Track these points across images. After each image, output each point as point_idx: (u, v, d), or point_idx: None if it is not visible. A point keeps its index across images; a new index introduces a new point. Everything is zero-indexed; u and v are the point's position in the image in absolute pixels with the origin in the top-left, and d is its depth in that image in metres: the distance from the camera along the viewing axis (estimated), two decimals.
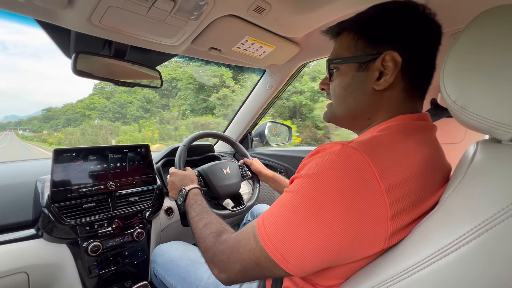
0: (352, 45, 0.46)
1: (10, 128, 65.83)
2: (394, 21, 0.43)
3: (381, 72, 0.43)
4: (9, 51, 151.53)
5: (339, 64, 0.48)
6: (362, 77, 0.45)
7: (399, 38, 0.42)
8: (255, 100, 1.42)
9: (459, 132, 0.87)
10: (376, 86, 0.44)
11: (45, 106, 60.81)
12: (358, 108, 0.47)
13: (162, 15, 0.67)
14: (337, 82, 0.49)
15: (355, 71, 0.46)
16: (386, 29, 0.43)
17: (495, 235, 0.26)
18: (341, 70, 0.48)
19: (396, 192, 0.34)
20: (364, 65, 0.45)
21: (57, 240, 0.79)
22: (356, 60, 0.45)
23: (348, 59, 0.46)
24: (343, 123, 0.51)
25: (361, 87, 0.45)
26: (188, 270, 0.72)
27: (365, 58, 0.44)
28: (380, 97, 0.44)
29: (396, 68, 0.42)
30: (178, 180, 0.81)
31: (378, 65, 0.43)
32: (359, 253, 0.35)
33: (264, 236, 0.37)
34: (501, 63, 0.29)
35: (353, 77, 0.46)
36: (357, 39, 0.45)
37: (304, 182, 0.37)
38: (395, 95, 0.44)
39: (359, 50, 0.45)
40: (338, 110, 0.50)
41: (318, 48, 1.05)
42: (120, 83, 0.87)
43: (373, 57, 0.43)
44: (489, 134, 0.33)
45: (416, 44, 0.42)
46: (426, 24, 0.43)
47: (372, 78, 0.44)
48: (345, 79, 0.47)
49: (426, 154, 0.39)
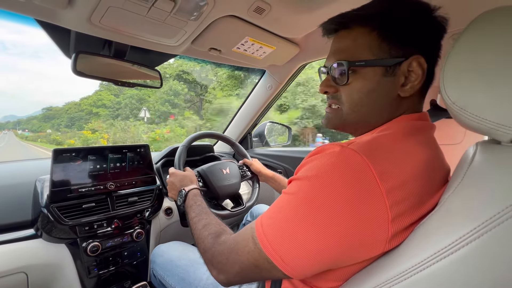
0: (374, 45, 0.41)
1: (9, 128, 64.65)
2: (419, 23, 0.40)
3: (405, 77, 0.41)
4: (9, 51, 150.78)
5: (360, 67, 0.42)
6: (389, 82, 0.41)
7: (423, 41, 0.41)
8: (255, 100, 1.42)
9: (458, 133, 0.87)
10: (401, 92, 0.41)
11: (45, 106, 58.75)
12: (377, 115, 0.43)
13: (162, 16, 0.67)
14: (357, 87, 0.43)
15: (381, 75, 0.41)
16: (413, 31, 0.40)
17: (495, 236, 0.26)
18: (362, 74, 0.42)
19: (396, 194, 0.33)
20: (390, 70, 0.41)
21: (56, 240, 0.79)
22: (383, 64, 0.41)
23: (373, 61, 0.41)
24: (352, 129, 0.47)
25: (386, 94, 0.42)
26: (187, 271, 0.72)
27: (391, 62, 0.40)
28: (400, 103, 0.43)
29: (423, 74, 0.40)
30: (177, 180, 0.81)
31: (404, 70, 0.40)
32: (359, 255, 0.35)
33: (262, 238, 0.37)
34: (501, 65, 0.29)
35: (378, 83, 0.41)
36: (382, 39, 0.40)
37: (302, 183, 0.37)
38: (411, 100, 0.43)
39: (384, 52, 0.40)
40: (351, 117, 0.45)
41: (318, 49, 1.05)
42: (120, 83, 0.87)
43: (399, 60, 0.40)
44: (488, 135, 0.33)
45: (436, 49, 0.42)
46: (440, 28, 0.42)
47: (397, 83, 0.41)
48: (368, 84, 0.42)
49: (426, 155, 0.38)
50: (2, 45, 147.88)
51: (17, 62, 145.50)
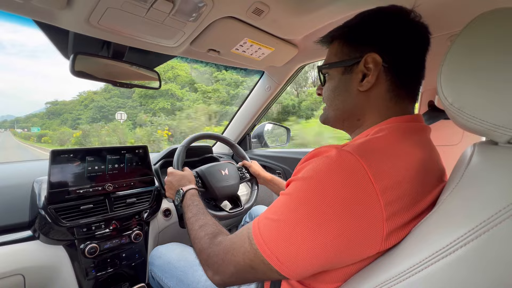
0: (339, 51, 0.49)
1: (6, 127, 62.03)
2: (375, 25, 0.45)
3: (364, 74, 0.45)
4: (7, 50, 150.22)
5: (328, 69, 0.51)
6: (347, 79, 0.47)
7: (380, 40, 0.44)
8: (254, 101, 1.42)
9: (456, 134, 0.88)
10: (360, 87, 0.46)
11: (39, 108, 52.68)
12: (346, 110, 0.49)
13: (161, 17, 0.67)
14: (327, 86, 0.51)
15: (341, 74, 0.48)
16: (368, 33, 0.45)
17: (493, 237, 0.26)
18: (330, 75, 0.51)
19: (391, 193, 0.34)
20: (349, 69, 0.47)
21: (54, 242, 0.79)
22: (341, 64, 0.48)
23: (334, 64, 0.49)
24: (334, 124, 0.54)
25: (347, 89, 0.48)
26: (185, 272, 0.72)
27: (350, 62, 0.47)
28: (366, 98, 0.46)
29: (377, 68, 0.43)
30: (176, 180, 0.81)
31: (361, 67, 0.45)
32: (356, 255, 0.35)
33: (259, 239, 0.37)
34: (498, 66, 0.30)
35: (339, 80, 0.49)
36: (343, 45, 0.48)
37: (300, 184, 0.37)
38: (381, 96, 0.45)
39: (345, 55, 0.48)
40: (329, 113, 0.52)
41: (316, 50, 1.05)
42: (119, 84, 0.87)
43: (357, 60, 0.45)
44: (486, 136, 0.33)
45: (398, 45, 0.44)
46: (409, 25, 0.44)
47: (356, 80, 0.46)
48: (333, 82, 0.50)
49: (420, 156, 0.39)
50: (0, 45, 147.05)
51: (15, 62, 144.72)
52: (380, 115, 0.45)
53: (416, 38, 0.45)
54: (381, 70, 0.44)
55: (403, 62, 0.44)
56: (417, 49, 0.45)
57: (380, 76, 0.44)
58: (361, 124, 0.48)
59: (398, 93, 0.45)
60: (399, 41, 0.44)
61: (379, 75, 0.44)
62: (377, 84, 0.45)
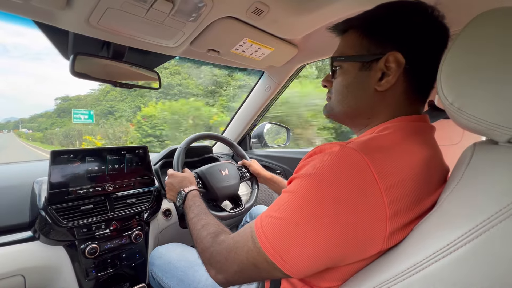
0: (356, 43, 0.45)
1: (9, 129, 59.53)
2: (399, 21, 0.42)
3: (383, 73, 0.42)
4: (10, 53, 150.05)
5: (343, 62, 0.47)
6: (364, 77, 0.44)
7: (403, 39, 0.42)
8: (254, 101, 1.42)
9: (456, 134, 0.88)
10: (377, 87, 0.43)
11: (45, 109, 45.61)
12: (358, 108, 0.46)
13: (161, 17, 0.67)
14: (339, 80, 0.48)
15: (358, 70, 0.45)
16: (391, 29, 0.42)
17: (493, 236, 0.26)
18: (344, 69, 0.47)
19: (395, 191, 0.34)
20: (367, 65, 0.44)
21: (54, 242, 0.79)
22: (359, 59, 0.45)
23: (351, 57, 0.46)
24: (341, 120, 0.52)
25: (363, 87, 0.45)
26: (186, 272, 0.72)
27: (369, 58, 0.43)
28: (381, 98, 0.44)
29: (398, 69, 0.41)
30: (176, 181, 0.81)
31: (381, 65, 0.42)
32: (359, 253, 0.35)
33: (262, 237, 0.37)
34: (498, 65, 0.30)
35: (355, 76, 0.45)
36: (362, 37, 0.45)
37: (303, 181, 0.37)
38: (396, 97, 0.44)
39: (363, 49, 0.44)
40: (338, 107, 0.49)
41: (316, 50, 1.05)
42: (118, 84, 0.87)
43: (377, 57, 0.43)
44: (486, 135, 0.33)
45: (421, 46, 0.42)
46: (432, 26, 0.42)
47: (374, 78, 0.43)
48: (348, 77, 0.46)
49: (424, 155, 0.39)
50: (4, 48, 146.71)
51: (19, 65, 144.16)
52: (390, 114, 0.44)
53: (438, 39, 0.42)
54: (402, 71, 0.41)
55: (423, 64, 0.42)
56: (437, 52, 0.43)
57: (399, 77, 0.42)
58: (369, 122, 0.46)
59: (413, 96, 0.44)
60: (422, 42, 0.41)
61: (399, 76, 0.42)
62: (395, 85, 0.42)
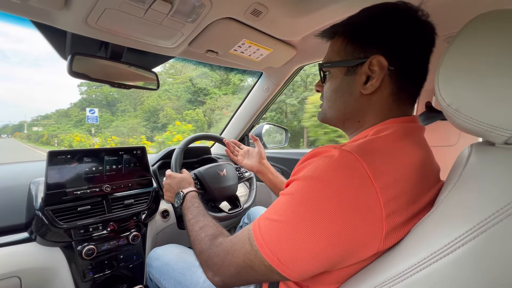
0: (341, 49, 0.47)
1: (8, 133, 56.71)
2: (382, 25, 0.43)
3: (368, 76, 0.43)
4: (9, 60, 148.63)
5: (330, 68, 0.49)
6: (350, 81, 0.45)
7: (386, 42, 0.42)
8: (252, 102, 1.42)
9: (453, 135, 0.88)
10: (363, 90, 0.44)
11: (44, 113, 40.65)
12: (348, 112, 0.47)
13: (159, 18, 0.67)
14: (328, 85, 0.49)
15: (344, 75, 0.46)
16: (374, 33, 0.43)
17: (490, 236, 0.26)
18: (332, 74, 0.49)
19: (390, 191, 0.34)
20: (352, 69, 0.45)
21: (51, 244, 0.78)
22: (344, 64, 0.46)
23: (337, 63, 0.47)
24: (334, 124, 0.52)
25: (349, 91, 0.46)
26: (184, 274, 0.72)
27: (353, 62, 0.45)
28: (368, 101, 0.45)
29: (382, 72, 0.42)
30: (175, 182, 0.81)
31: (365, 69, 0.43)
32: (356, 254, 0.35)
33: (259, 239, 0.37)
34: (494, 67, 0.30)
35: (341, 81, 0.47)
36: (346, 43, 0.46)
37: (300, 184, 0.37)
38: (384, 99, 0.44)
39: (348, 54, 0.46)
40: (328, 112, 0.51)
41: (314, 51, 1.05)
42: (117, 85, 0.87)
43: (361, 61, 0.43)
44: (483, 137, 0.34)
45: (405, 48, 0.42)
46: (417, 27, 0.42)
47: (359, 82, 0.44)
48: (335, 82, 0.48)
49: (418, 155, 0.39)
50: (2, 54, 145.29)
51: (17, 71, 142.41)
52: (380, 117, 0.45)
53: (423, 39, 0.43)
54: (386, 73, 0.42)
55: (408, 65, 0.43)
56: (423, 51, 0.43)
57: (384, 80, 0.43)
58: (361, 125, 0.47)
59: (401, 97, 0.44)
60: (406, 43, 0.42)
61: (383, 79, 0.42)
62: (380, 87, 0.43)
